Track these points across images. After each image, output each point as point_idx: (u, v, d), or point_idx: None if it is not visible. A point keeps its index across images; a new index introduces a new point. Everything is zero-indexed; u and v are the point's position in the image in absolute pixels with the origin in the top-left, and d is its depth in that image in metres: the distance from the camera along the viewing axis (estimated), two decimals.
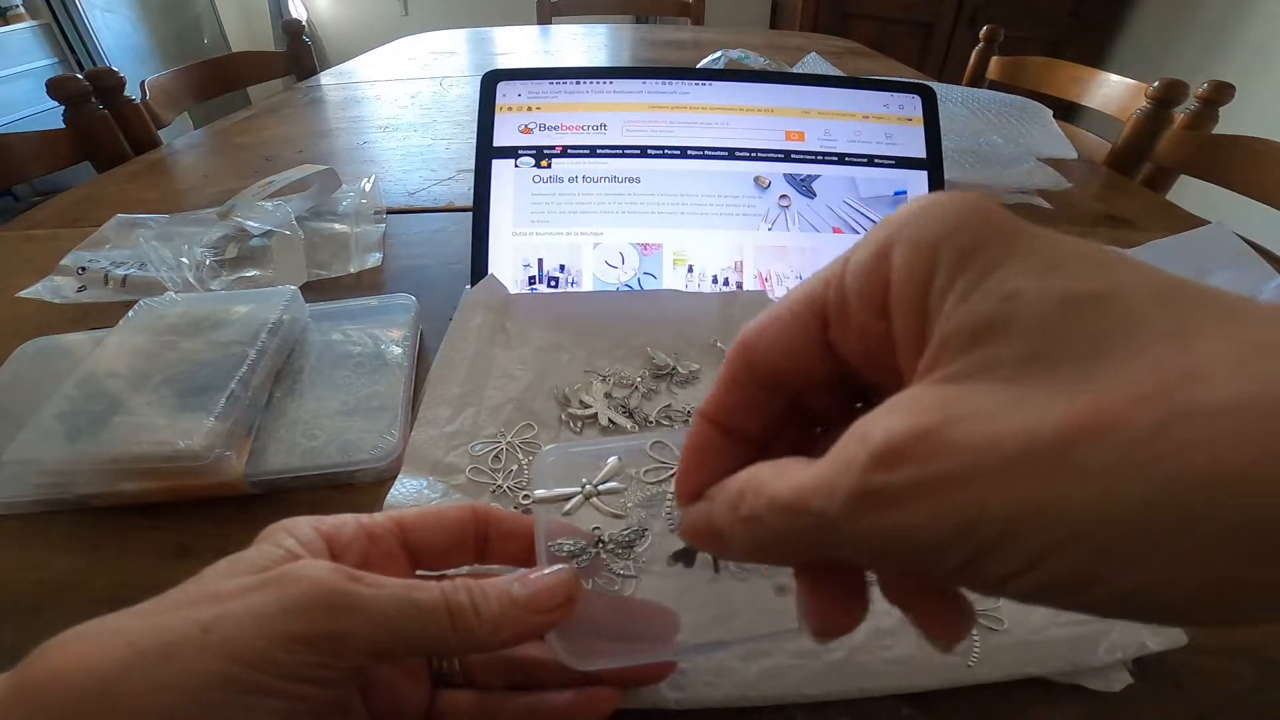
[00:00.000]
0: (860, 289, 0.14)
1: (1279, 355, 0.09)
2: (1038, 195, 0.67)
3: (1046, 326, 0.11)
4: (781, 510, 0.13)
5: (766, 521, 0.14)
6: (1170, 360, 0.10)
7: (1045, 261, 0.11)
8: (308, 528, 0.19)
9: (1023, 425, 0.10)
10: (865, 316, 0.14)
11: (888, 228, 0.13)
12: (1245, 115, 1.39)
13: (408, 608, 0.17)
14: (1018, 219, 0.12)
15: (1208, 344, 0.10)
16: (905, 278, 0.13)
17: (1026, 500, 0.10)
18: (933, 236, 0.12)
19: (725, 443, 0.17)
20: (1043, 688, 0.24)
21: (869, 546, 0.12)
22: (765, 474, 0.14)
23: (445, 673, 0.22)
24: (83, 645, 0.16)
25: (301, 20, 1.48)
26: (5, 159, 0.72)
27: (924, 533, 0.11)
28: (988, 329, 0.11)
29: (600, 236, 0.44)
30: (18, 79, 2.04)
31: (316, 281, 0.50)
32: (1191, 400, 0.09)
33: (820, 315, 0.15)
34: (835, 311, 0.14)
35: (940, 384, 0.12)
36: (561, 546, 0.22)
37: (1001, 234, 0.12)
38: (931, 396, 0.11)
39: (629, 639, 0.22)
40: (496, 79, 0.45)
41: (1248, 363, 0.09)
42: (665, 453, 0.29)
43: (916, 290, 0.12)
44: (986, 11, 2.13)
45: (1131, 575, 0.10)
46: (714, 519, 0.15)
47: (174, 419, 0.31)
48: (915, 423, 0.11)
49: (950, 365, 0.12)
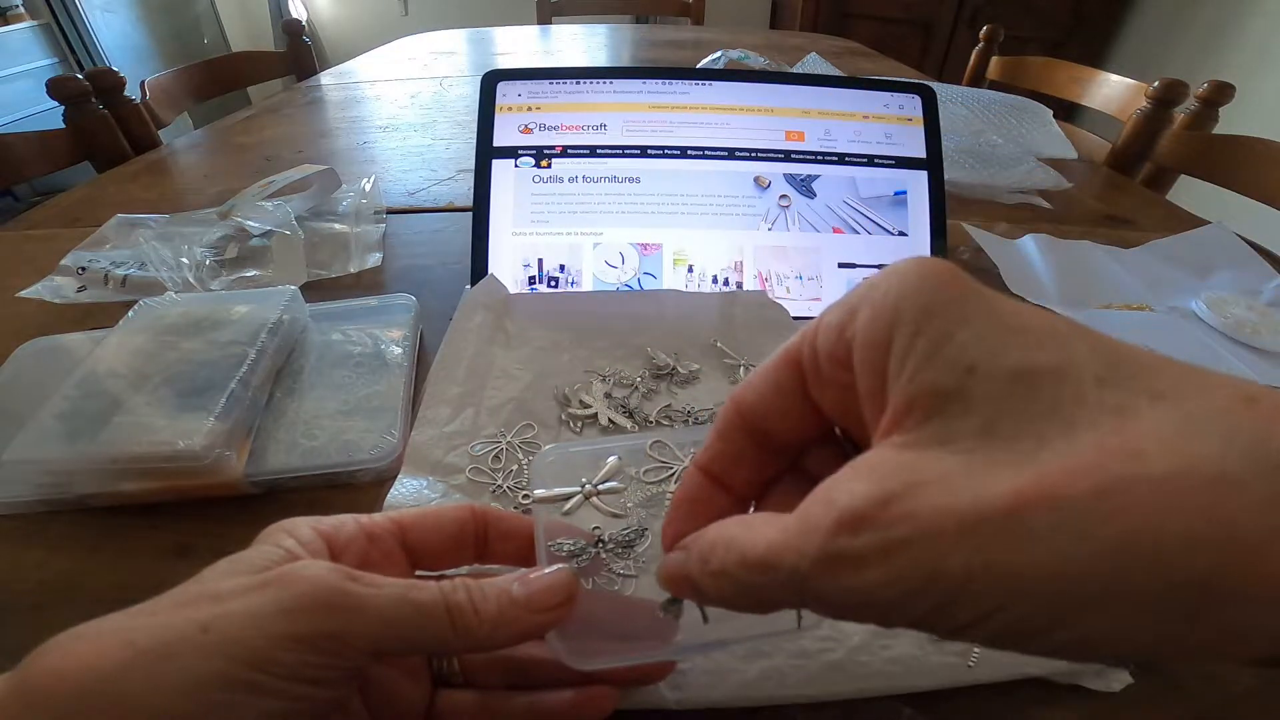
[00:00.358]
0: (829, 347, 0.15)
1: (1212, 429, 0.10)
2: (1038, 195, 0.67)
3: (1000, 402, 0.12)
4: (752, 566, 0.14)
5: (736, 576, 0.14)
6: (1110, 436, 0.11)
7: (999, 332, 0.12)
8: (307, 528, 0.20)
9: (976, 494, 0.11)
10: (834, 372, 0.15)
11: (858, 290, 0.14)
12: (1245, 115, 1.40)
13: (406, 607, 0.17)
14: (974, 283, 0.13)
15: (1146, 421, 0.11)
16: (866, 340, 0.14)
17: (978, 561, 0.11)
18: (892, 300, 0.13)
19: (715, 494, 0.18)
20: (1043, 688, 0.24)
21: (835, 602, 0.13)
22: (734, 529, 0.15)
23: (445, 672, 0.22)
24: (82, 645, 0.16)
25: (301, 20, 1.48)
26: (5, 159, 0.72)
27: (886, 590, 0.12)
28: (946, 401, 0.12)
29: (600, 236, 0.44)
30: (18, 79, 2.04)
31: (316, 281, 0.50)
32: (1128, 473, 0.10)
33: (798, 370, 0.16)
34: (810, 366, 0.15)
35: (901, 449, 0.13)
36: (561, 546, 0.22)
37: (957, 299, 0.13)
38: (892, 463, 0.12)
39: (629, 638, 0.22)
40: (496, 79, 0.45)
41: (1182, 437, 0.10)
42: (665, 452, 0.29)
43: (877, 352, 0.13)
44: (986, 11, 2.13)
45: (1076, 628, 0.11)
46: (688, 569, 0.16)
47: (174, 419, 0.31)
48: (877, 489, 0.12)
49: (910, 432, 0.13)
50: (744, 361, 0.39)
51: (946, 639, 0.13)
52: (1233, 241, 0.55)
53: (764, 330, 0.40)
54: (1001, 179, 0.68)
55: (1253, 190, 0.72)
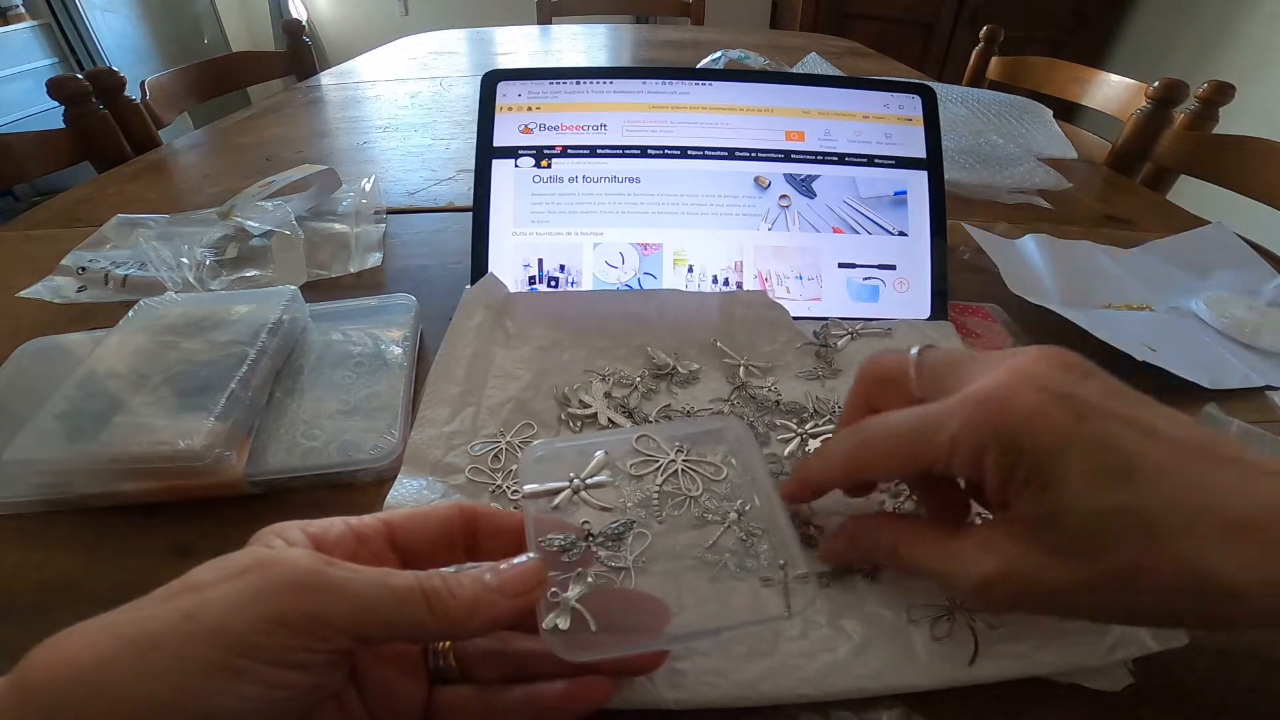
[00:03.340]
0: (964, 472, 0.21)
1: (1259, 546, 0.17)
2: (1038, 195, 0.67)
3: (1081, 531, 0.19)
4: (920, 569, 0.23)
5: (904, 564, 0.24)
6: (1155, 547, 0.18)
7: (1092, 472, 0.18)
8: (296, 530, 0.20)
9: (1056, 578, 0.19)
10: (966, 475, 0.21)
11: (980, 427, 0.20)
12: (1245, 115, 1.40)
13: (383, 590, 0.18)
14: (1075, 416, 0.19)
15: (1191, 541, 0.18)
16: (996, 481, 0.20)
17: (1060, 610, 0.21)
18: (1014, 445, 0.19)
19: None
20: (1043, 688, 0.24)
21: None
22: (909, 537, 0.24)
23: (442, 668, 0.22)
24: (72, 640, 0.16)
25: (301, 20, 1.48)
26: (5, 159, 0.72)
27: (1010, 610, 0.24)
28: (1046, 521, 0.19)
29: (600, 236, 0.44)
30: (18, 79, 2.04)
31: (316, 281, 0.50)
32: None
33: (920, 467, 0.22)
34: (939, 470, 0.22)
35: (1013, 539, 0.20)
36: (551, 541, 0.22)
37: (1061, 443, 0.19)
38: (1009, 550, 0.20)
39: (621, 630, 0.22)
40: (496, 79, 0.45)
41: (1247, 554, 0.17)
42: (651, 447, 0.29)
43: (1002, 482, 0.20)
44: (986, 11, 2.13)
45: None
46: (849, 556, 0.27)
47: (174, 419, 0.31)
48: (998, 568, 0.20)
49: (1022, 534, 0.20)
50: (744, 361, 0.39)
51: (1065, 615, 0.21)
52: (1233, 241, 0.55)
53: (764, 330, 0.40)
54: (1001, 179, 0.68)
55: (1253, 190, 0.72)
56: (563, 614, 0.21)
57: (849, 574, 0.27)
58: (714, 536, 0.28)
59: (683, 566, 0.27)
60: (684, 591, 0.26)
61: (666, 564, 0.27)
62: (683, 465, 0.29)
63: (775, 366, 0.39)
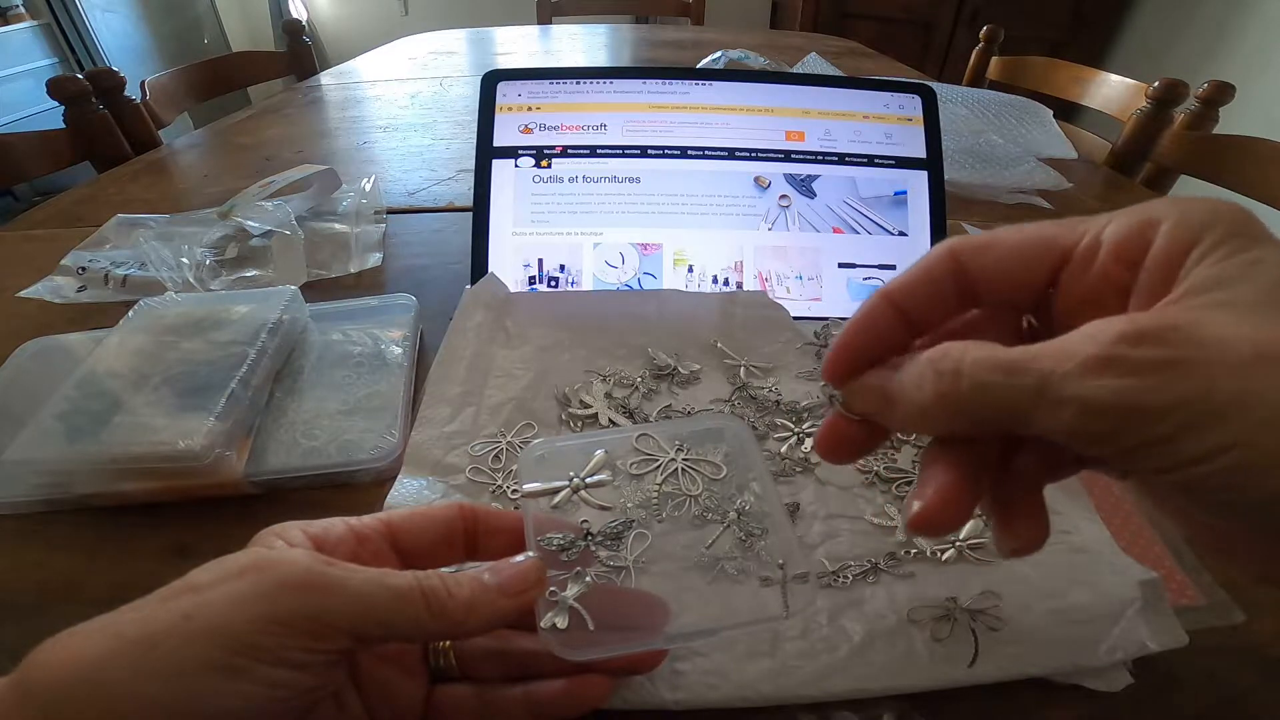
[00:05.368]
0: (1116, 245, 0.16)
1: None
2: (1038, 195, 0.67)
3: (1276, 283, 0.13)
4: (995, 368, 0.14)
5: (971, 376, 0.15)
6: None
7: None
8: (296, 531, 0.20)
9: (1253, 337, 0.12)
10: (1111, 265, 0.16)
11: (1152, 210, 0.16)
12: (1245, 115, 1.40)
13: (382, 590, 0.18)
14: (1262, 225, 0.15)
15: None
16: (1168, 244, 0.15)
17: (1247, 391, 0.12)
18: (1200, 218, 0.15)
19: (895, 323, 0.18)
20: (1043, 688, 0.24)
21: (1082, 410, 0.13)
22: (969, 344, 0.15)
23: (441, 667, 0.22)
24: (73, 640, 0.16)
25: (301, 20, 1.48)
26: (5, 159, 0.72)
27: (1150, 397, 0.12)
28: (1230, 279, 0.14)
29: (600, 236, 0.44)
30: (18, 79, 2.04)
31: (316, 281, 0.50)
32: None
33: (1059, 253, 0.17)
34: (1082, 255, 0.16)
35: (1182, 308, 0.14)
36: (550, 540, 0.22)
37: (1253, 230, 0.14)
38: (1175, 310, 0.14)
39: (620, 628, 0.22)
40: (496, 79, 0.45)
41: None
42: (651, 445, 0.29)
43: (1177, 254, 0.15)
44: (986, 11, 2.13)
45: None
46: (888, 382, 0.17)
47: (174, 419, 0.31)
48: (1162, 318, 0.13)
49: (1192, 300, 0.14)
50: (744, 362, 0.39)
51: (1163, 475, 0.13)
52: None
53: (764, 330, 0.40)
54: (1001, 179, 0.68)
55: (1253, 190, 0.72)
56: (561, 613, 0.21)
57: (849, 575, 0.27)
58: (713, 536, 0.28)
59: (682, 566, 0.27)
60: (683, 591, 0.26)
61: (666, 563, 0.27)
62: (683, 465, 0.29)
63: (776, 367, 0.39)
